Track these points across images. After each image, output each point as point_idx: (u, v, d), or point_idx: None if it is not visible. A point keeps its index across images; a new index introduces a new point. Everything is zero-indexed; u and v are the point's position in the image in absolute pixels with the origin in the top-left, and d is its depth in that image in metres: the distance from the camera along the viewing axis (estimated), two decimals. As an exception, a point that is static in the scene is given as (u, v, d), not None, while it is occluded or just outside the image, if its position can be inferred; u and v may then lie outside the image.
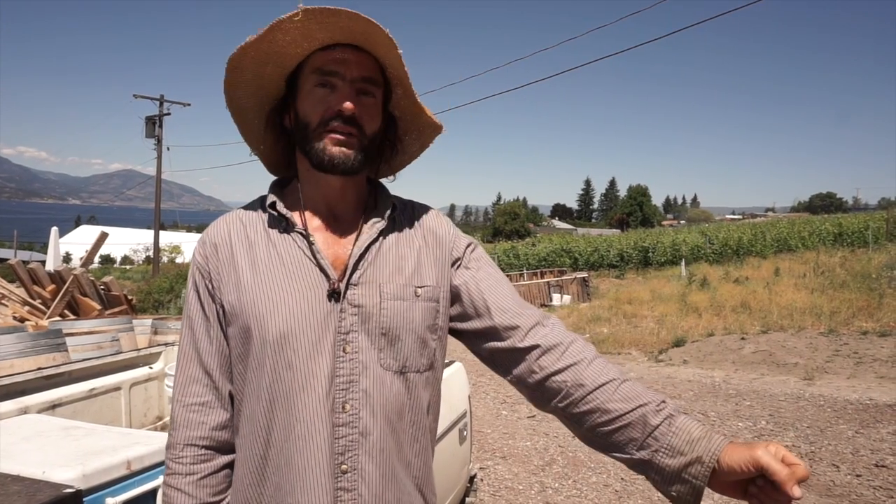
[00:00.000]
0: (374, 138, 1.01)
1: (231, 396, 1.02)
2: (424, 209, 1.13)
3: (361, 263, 0.99)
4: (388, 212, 1.05)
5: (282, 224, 1.02)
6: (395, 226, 1.06)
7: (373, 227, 1.03)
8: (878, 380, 6.88)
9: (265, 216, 1.04)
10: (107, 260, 54.15)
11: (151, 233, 27.78)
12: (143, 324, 5.97)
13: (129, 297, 8.78)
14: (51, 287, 7.84)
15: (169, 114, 25.25)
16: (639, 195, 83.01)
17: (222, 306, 1.00)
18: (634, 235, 30.66)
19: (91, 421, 2.55)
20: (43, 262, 9.08)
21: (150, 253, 32.53)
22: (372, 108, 1.00)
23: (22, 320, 7.29)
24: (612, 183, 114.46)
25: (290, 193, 1.07)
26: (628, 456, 0.93)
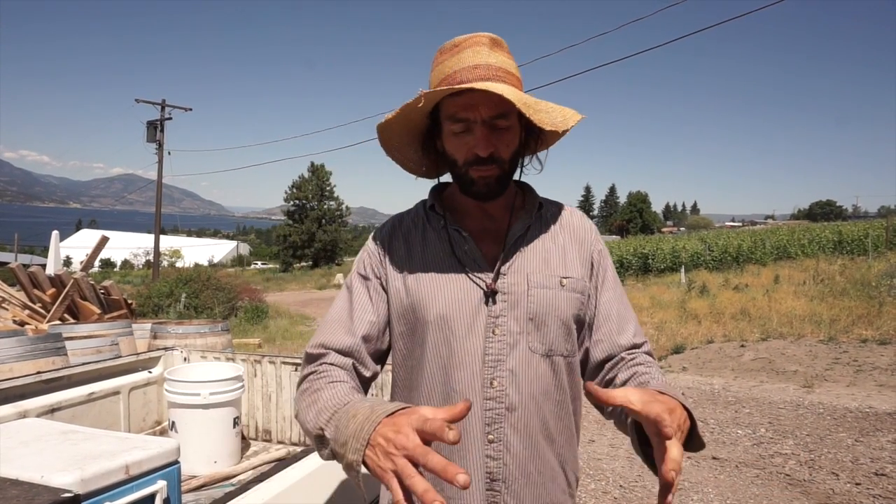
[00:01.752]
0: (514, 156, 1.11)
1: (365, 351, 1.13)
2: (568, 209, 1.24)
3: (510, 255, 1.11)
4: (535, 210, 1.17)
5: (440, 222, 1.15)
6: (541, 223, 1.17)
7: (521, 224, 1.14)
8: (878, 388, 6.87)
9: (425, 216, 1.19)
10: (107, 264, 54.16)
11: (152, 237, 27.78)
12: (143, 328, 5.97)
13: (129, 302, 8.78)
14: (51, 291, 7.84)
15: (170, 118, 25.33)
16: (639, 202, 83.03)
17: (385, 288, 1.15)
18: (634, 242, 30.67)
19: (90, 425, 2.55)
20: (43, 266, 9.08)
21: (151, 257, 32.52)
22: (507, 137, 1.08)
23: (22, 324, 7.28)
24: (612, 189, 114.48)
25: (447, 197, 1.21)
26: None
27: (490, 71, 1.05)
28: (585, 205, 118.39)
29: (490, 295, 1.07)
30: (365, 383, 1.13)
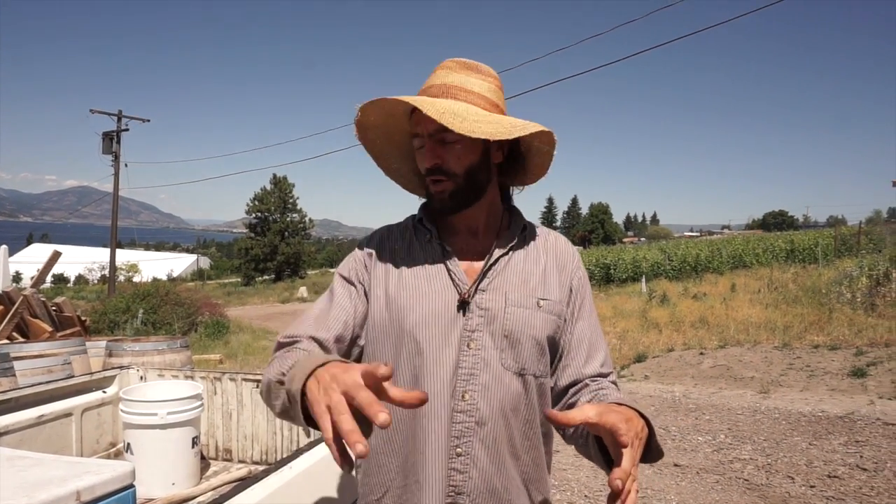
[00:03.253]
0: (470, 170, 1.13)
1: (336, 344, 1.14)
2: (552, 234, 1.27)
3: (490, 273, 1.14)
4: (519, 232, 1.20)
5: (426, 236, 1.19)
6: (524, 244, 1.20)
7: (503, 243, 1.17)
8: (830, 392, 7.11)
9: (413, 229, 1.23)
10: (60, 279, 52.32)
11: (107, 251, 26.94)
12: (98, 346, 5.77)
13: (83, 318, 8.49)
14: (-2, 308, 7.53)
15: (127, 129, 24.69)
16: (600, 213, 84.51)
17: (367, 294, 1.17)
18: (596, 252, 31.13)
19: (39, 449, 2.45)
20: (-10, 283, 8.70)
21: (107, 272, 31.57)
22: (457, 150, 1.11)
23: (-34, 343, 6.97)
24: (574, 201, 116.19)
25: (438, 214, 1.24)
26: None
27: (443, 89, 1.12)
28: (548, 216, 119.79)
29: (466, 309, 1.10)
30: None
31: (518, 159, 1.20)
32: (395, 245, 1.21)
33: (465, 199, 1.14)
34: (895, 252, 12.76)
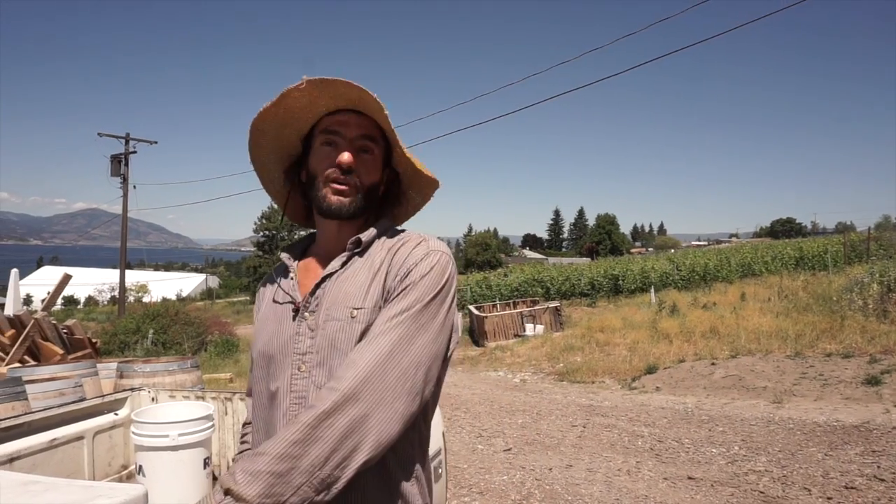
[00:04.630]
0: (371, 188, 1.16)
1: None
2: (411, 241, 1.12)
3: (318, 291, 1.12)
4: (350, 244, 1.14)
5: (283, 266, 1.23)
6: (366, 256, 1.14)
7: (338, 259, 1.15)
8: (844, 401, 7.03)
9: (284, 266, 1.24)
10: (70, 301, 52.62)
11: (117, 272, 27.11)
12: (109, 367, 5.80)
13: (94, 340, 8.54)
14: (10, 332, 7.58)
15: (135, 152, 24.95)
16: (607, 224, 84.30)
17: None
18: (604, 264, 31.05)
19: (52, 473, 2.46)
20: (2, 306, 8.79)
21: (116, 293, 31.74)
22: (369, 163, 1.15)
23: (-21, 367, 7.02)
24: (581, 212, 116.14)
25: (310, 242, 1.27)
26: None
27: (363, 92, 1.08)
28: (555, 228, 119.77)
29: (297, 332, 1.10)
30: None
31: (389, 199, 1.26)
32: (269, 280, 1.27)
33: (357, 211, 1.15)
34: (906, 257, 12.64)
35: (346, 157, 1.10)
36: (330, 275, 1.13)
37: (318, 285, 1.12)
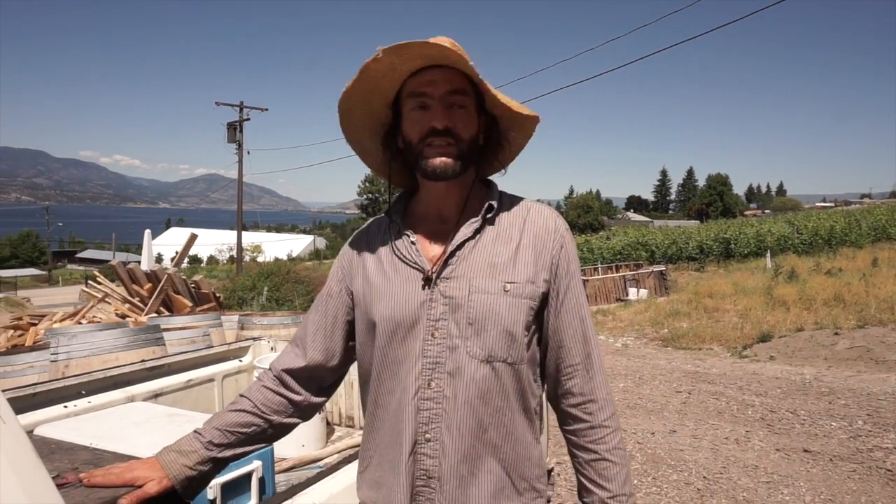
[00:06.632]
0: (472, 142, 1.13)
1: (316, 355, 1.23)
2: (535, 209, 1.19)
3: (453, 259, 1.11)
4: (485, 212, 1.14)
5: (395, 228, 1.19)
6: (496, 224, 1.15)
7: (469, 226, 1.13)
8: None
9: (388, 221, 1.22)
10: (194, 259, 57.27)
11: (234, 233, 29.13)
12: (231, 320, 6.30)
13: (217, 295, 9.27)
14: (147, 286, 8.39)
15: (248, 119, 26.40)
16: (719, 184, 79.42)
17: (351, 293, 1.21)
18: (715, 227, 29.37)
19: (188, 408, 2.74)
20: (138, 263, 9.73)
21: (234, 253, 34.12)
22: (464, 117, 1.11)
23: (123, 316, 7.85)
24: (690, 172, 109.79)
25: (412, 202, 1.24)
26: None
27: (444, 49, 1.04)
28: (662, 189, 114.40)
29: (431, 298, 1.09)
30: (302, 405, 1.24)
31: (490, 144, 1.19)
32: (372, 240, 1.22)
33: (463, 166, 1.12)
34: None
35: (438, 121, 1.08)
36: (463, 243, 1.12)
37: (452, 253, 1.11)
